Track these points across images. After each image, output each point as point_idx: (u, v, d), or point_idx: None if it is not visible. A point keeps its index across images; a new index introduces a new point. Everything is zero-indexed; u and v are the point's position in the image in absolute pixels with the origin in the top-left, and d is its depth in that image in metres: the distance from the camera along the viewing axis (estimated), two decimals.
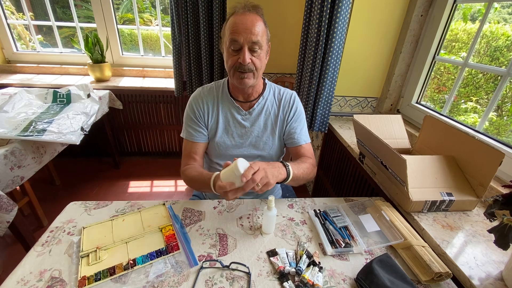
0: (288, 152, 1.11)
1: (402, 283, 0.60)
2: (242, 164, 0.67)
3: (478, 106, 1.41)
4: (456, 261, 0.68)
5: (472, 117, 1.41)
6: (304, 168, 0.89)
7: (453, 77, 1.47)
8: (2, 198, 1.10)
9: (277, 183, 0.82)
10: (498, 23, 1.34)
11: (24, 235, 1.32)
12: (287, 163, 0.83)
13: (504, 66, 1.06)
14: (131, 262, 0.65)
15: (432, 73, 1.44)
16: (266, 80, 1.02)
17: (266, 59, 0.91)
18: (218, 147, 0.98)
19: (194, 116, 0.96)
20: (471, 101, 1.45)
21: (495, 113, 1.29)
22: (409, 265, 0.68)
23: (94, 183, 2.14)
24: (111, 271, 0.63)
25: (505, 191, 0.63)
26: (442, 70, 1.55)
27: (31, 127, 1.32)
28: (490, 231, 0.62)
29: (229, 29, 0.82)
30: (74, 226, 0.76)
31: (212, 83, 1.02)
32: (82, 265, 0.64)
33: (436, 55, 1.39)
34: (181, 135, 1.01)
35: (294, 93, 1.03)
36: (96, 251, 0.67)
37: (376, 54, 1.53)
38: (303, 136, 1.01)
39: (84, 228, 0.74)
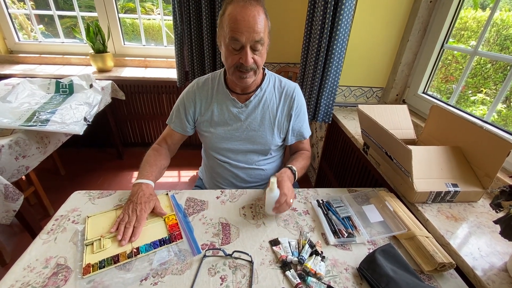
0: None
1: (405, 273, 0.60)
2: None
3: (487, 98, 1.38)
4: (460, 252, 0.68)
5: (481, 109, 1.38)
6: (304, 166, 0.98)
7: (461, 67, 1.44)
8: (8, 187, 1.12)
9: None
10: (510, 11, 1.29)
11: (30, 224, 1.34)
12: (294, 169, 0.89)
13: None
14: (135, 250, 0.66)
15: (440, 62, 1.41)
16: (266, 70, 0.97)
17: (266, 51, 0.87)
18: (213, 139, 0.96)
19: (182, 107, 0.96)
20: (481, 93, 1.41)
21: (504, 105, 1.26)
22: (412, 255, 0.68)
23: (99, 173, 2.16)
24: (115, 259, 0.63)
25: None
26: (450, 60, 1.51)
27: (35, 117, 1.32)
28: (496, 222, 0.61)
29: (228, 25, 0.75)
30: (79, 214, 0.77)
31: (209, 74, 0.99)
32: (86, 253, 0.65)
33: (444, 43, 1.35)
34: (166, 121, 1.01)
35: (297, 86, 0.98)
36: (100, 239, 0.68)
37: (382, 43, 1.49)
38: (305, 132, 1.01)
39: (88, 217, 0.75)
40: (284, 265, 0.64)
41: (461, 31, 1.41)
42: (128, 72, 2.12)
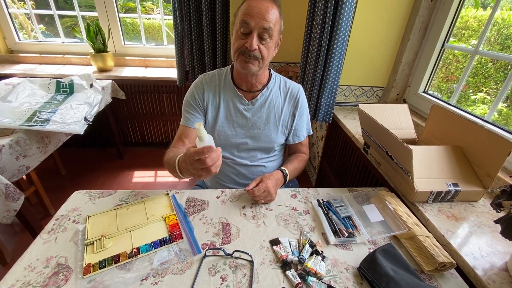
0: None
1: (405, 273, 0.60)
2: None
3: (488, 97, 1.38)
4: (461, 251, 0.68)
5: (482, 108, 1.38)
6: (297, 168, 1.01)
7: (461, 66, 1.43)
8: (8, 187, 1.12)
9: None
10: (510, 10, 1.29)
11: (31, 224, 1.34)
12: (285, 170, 0.93)
13: None
14: (135, 250, 0.66)
15: (440, 61, 1.40)
16: (272, 71, 1.00)
17: (274, 51, 0.88)
18: (218, 136, 0.97)
19: (193, 101, 0.95)
20: (481, 92, 1.41)
21: (505, 104, 1.26)
22: (412, 255, 0.68)
23: (99, 173, 2.16)
24: (115, 259, 0.63)
25: None
26: (451, 59, 1.51)
27: (35, 117, 1.32)
28: (497, 221, 0.61)
29: (242, 11, 0.80)
30: (79, 214, 0.77)
31: (215, 70, 1.00)
32: (87, 253, 0.65)
33: (445, 42, 1.35)
34: (180, 123, 0.99)
35: (301, 87, 1.02)
36: (100, 239, 0.68)
37: (383, 42, 1.49)
38: (303, 133, 1.05)
39: (89, 216, 0.75)
40: (285, 264, 0.64)
41: (462, 30, 1.40)
42: (129, 72, 2.12)
